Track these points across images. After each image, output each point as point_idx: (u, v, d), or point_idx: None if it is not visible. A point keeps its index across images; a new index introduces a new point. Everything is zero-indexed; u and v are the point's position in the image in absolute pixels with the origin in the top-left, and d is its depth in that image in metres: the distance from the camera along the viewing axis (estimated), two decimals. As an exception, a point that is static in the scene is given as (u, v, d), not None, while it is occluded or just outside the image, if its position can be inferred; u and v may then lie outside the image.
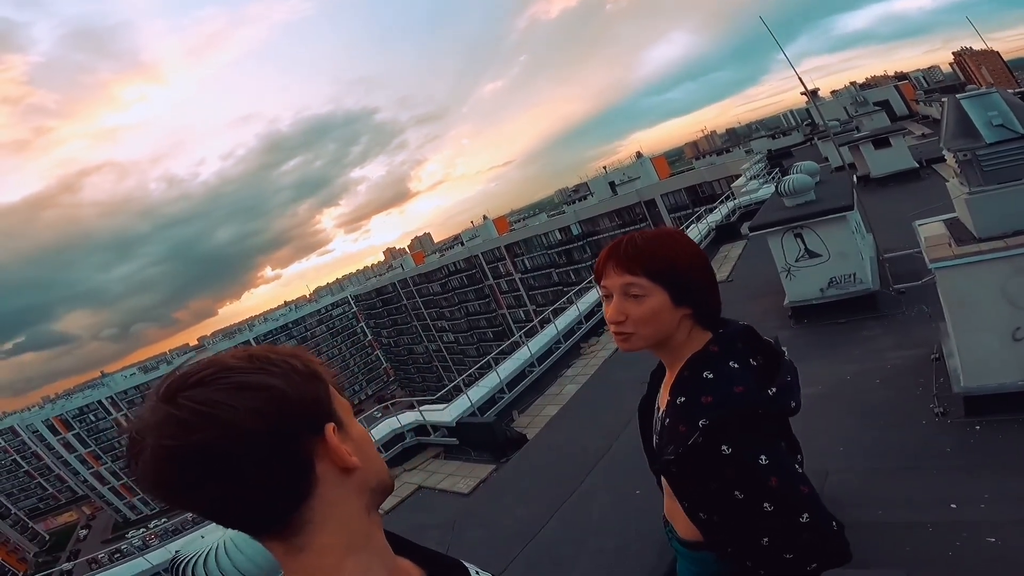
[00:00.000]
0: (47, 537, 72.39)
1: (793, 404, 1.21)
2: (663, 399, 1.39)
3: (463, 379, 10.54)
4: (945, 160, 5.03)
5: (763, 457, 1.11)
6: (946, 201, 4.88)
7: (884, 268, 7.87)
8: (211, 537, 1.87)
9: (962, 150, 4.11)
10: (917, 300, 6.84)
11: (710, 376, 1.20)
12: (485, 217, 78.63)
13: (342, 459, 0.68)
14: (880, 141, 15.67)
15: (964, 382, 4.46)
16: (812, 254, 7.66)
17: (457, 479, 7.59)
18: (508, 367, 10.93)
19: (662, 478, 1.47)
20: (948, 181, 4.78)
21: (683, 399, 1.21)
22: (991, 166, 4.01)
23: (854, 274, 7.52)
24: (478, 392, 10.23)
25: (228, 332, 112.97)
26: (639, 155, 61.58)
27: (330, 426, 0.68)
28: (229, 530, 1.96)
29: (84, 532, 72.72)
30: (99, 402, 75.65)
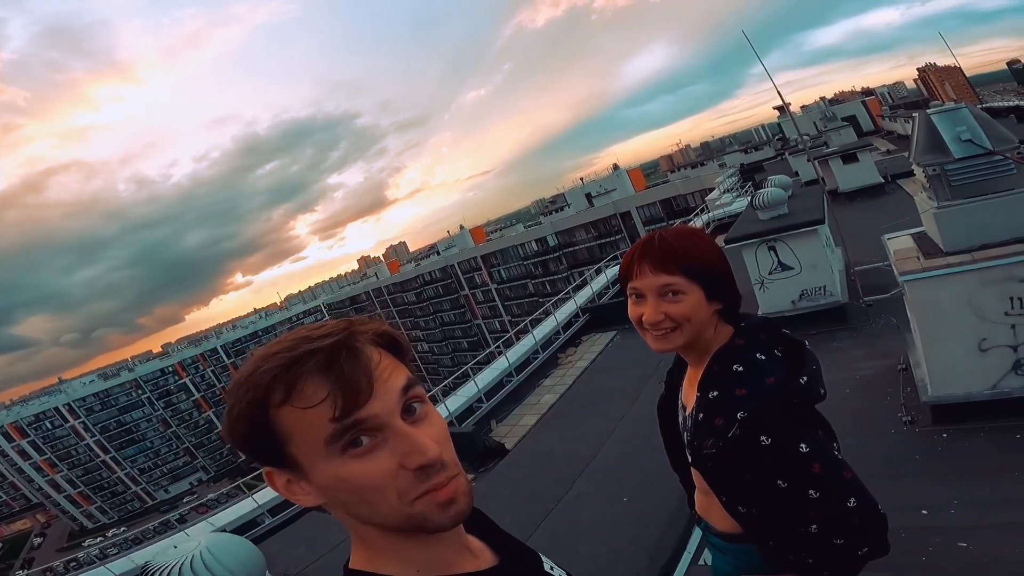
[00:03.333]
0: (0, 545, 69.49)
1: (822, 391, 1.23)
2: (688, 396, 1.39)
3: (439, 389, 10.45)
4: (910, 175, 5.19)
5: (803, 445, 1.12)
6: (908, 218, 5.05)
7: (853, 281, 8.09)
8: (185, 546, 1.80)
9: (931, 165, 4.25)
10: (884, 312, 7.05)
11: (740, 369, 1.21)
12: (462, 227, 78.59)
13: (292, 500, 0.68)
14: (848, 156, 16.20)
15: (932, 391, 4.59)
16: (785, 267, 7.83)
17: (434, 489, 7.47)
18: (486, 377, 10.87)
19: (691, 475, 1.48)
20: (916, 195, 4.94)
21: (716, 393, 1.22)
22: (959, 181, 4.16)
23: (824, 287, 7.70)
24: (455, 401, 10.15)
25: (194, 339, 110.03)
26: (615, 167, 62.37)
27: (266, 471, 0.67)
28: (205, 538, 1.89)
29: (38, 540, 70.72)
30: (56, 409, 73.26)
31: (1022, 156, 4.30)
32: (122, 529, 61.96)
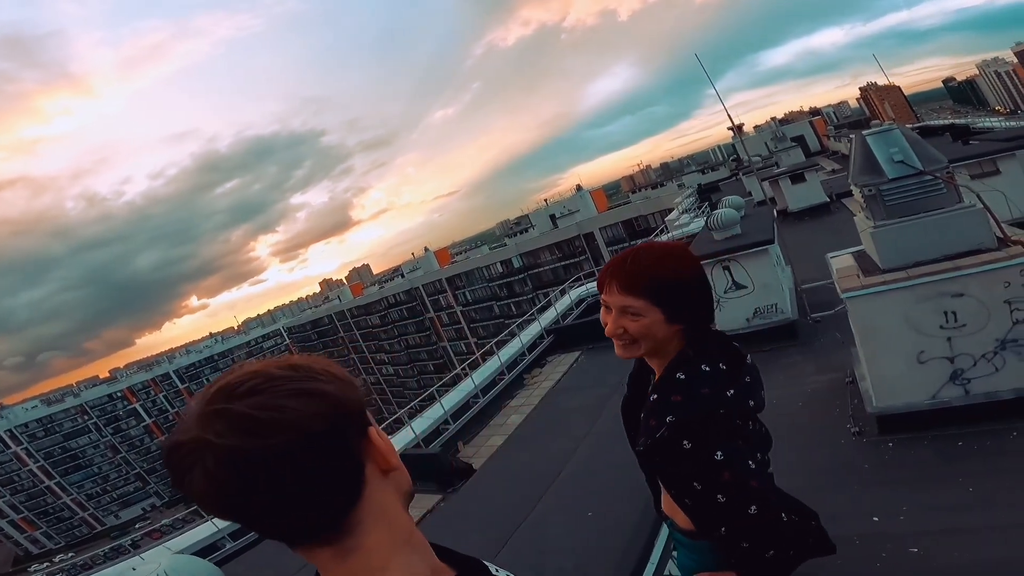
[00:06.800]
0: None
1: (752, 403, 1.32)
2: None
3: (406, 411, 10.33)
4: (852, 194, 5.43)
5: (719, 453, 1.20)
6: (840, 237, 5.29)
7: (802, 298, 8.42)
8: (144, 568, 1.78)
9: (867, 185, 4.49)
10: (831, 328, 7.36)
11: (682, 377, 1.30)
12: (426, 249, 77.97)
13: (385, 460, 0.70)
14: (796, 176, 16.95)
15: (876, 403, 4.79)
16: (739, 286, 8.10)
17: (400, 511, 7.33)
18: (452, 398, 10.82)
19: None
20: (856, 215, 5.20)
21: (655, 396, 1.32)
22: (893, 201, 4.40)
23: (776, 304, 7.99)
24: (422, 423, 10.04)
25: (145, 364, 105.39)
26: (579, 188, 63.31)
27: (373, 428, 0.70)
28: (165, 560, 1.87)
29: (-19, 565, 65.80)
30: (-3, 435, 69.25)
31: (951, 175, 4.57)
32: (70, 555, 58.68)
